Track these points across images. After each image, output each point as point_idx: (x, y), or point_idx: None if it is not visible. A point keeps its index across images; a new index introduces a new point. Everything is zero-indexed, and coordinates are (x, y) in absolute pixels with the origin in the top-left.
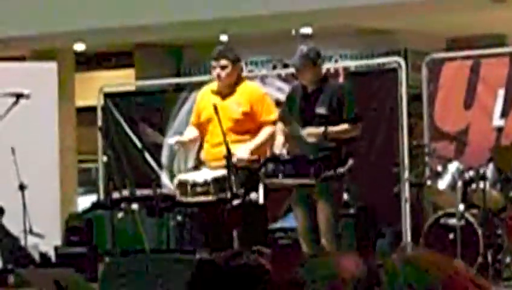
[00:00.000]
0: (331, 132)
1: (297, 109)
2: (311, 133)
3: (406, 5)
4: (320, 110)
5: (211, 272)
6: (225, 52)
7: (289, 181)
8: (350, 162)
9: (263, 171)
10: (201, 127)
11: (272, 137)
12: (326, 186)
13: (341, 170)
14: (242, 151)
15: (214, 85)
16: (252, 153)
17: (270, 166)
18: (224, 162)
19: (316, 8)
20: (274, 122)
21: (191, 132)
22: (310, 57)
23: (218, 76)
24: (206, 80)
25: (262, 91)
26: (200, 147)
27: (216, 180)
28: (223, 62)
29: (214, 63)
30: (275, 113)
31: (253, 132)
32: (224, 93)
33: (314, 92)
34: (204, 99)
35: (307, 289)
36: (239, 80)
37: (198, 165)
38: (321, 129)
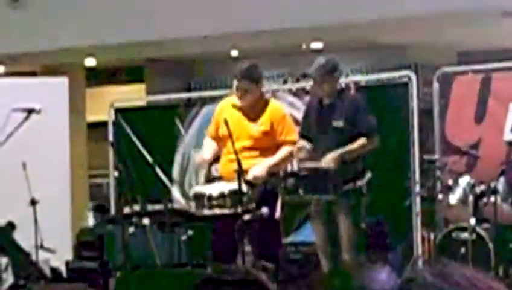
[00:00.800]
0: (348, 151)
1: (313, 123)
2: (329, 161)
3: (417, 19)
4: (337, 123)
5: (208, 287)
6: (247, 74)
7: (309, 197)
8: (368, 175)
9: (282, 186)
10: (220, 140)
11: (290, 156)
12: (346, 200)
13: (360, 183)
14: (258, 169)
15: (235, 99)
16: (269, 171)
17: (290, 181)
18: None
19: (326, 23)
20: (294, 143)
21: (211, 147)
22: (327, 68)
23: (240, 98)
24: (217, 95)
25: (284, 111)
26: (213, 160)
27: (233, 193)
28: (245, 84)
29: (235, 83)
30: (295, 134)
31: (271, 151)
32: (246, 110)
33: (331, 105)
34: (224, 112)
35: None
36: (262, 98)
37: (211, 178)
38: (337, 153)
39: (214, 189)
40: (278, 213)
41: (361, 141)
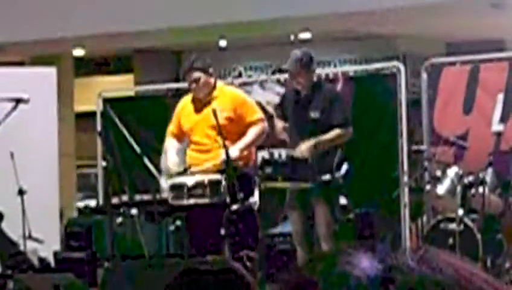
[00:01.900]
0: (322, 141)
1: (291, 114)
2: (303, 151)
3: (405, 10)
4: (314, 114)
5: (186, 279)
6: (195, 64)
7: (286, 184)
8: (345, 166)
9: (260, 173)
10: (184, 134)
11: (261, 135)
12: (324, 191)
13: (337, 174)
14: (233, 150)
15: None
16: (243, 151)
17: (268, 169)
18: (211, 165)
19: (315, 14)
20: (261, 120)
21: (174, 148)
22: (304, 61)
23: (194, 89)
24: None
25: (243, 94)
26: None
27: (212, 183)
28: (195, 75)
29: (186, 77)
30: (259, 113)
31: (238, 135)
32: (205, 101)
33: (307, 97)
34: (184, 109)
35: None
36: (215, 86)
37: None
38: (312, 142)
39: (193, 179)
40: (256, 203)
41: (336, 131)
